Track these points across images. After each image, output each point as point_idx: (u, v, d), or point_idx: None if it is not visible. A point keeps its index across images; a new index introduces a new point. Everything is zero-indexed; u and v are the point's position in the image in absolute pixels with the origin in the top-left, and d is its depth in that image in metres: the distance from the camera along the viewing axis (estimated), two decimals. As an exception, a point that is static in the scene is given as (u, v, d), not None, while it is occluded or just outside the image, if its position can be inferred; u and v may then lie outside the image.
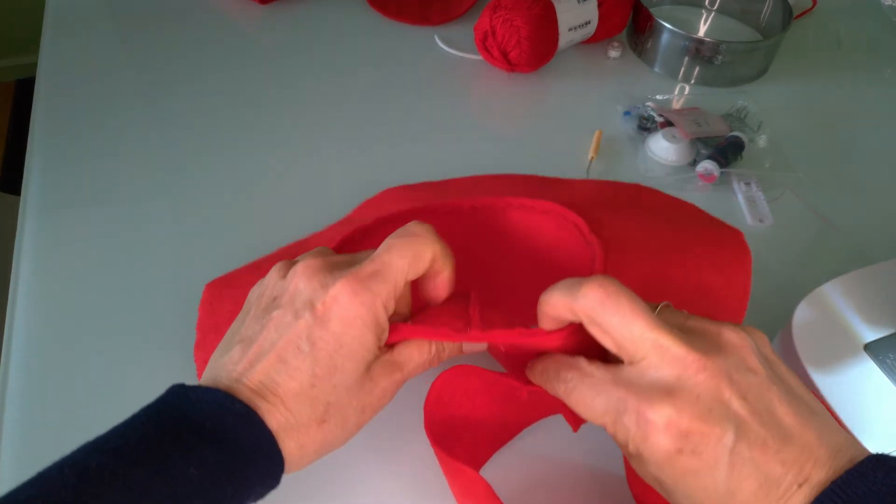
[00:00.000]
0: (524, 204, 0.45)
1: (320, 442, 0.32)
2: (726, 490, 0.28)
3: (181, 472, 0.28)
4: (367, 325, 0.32)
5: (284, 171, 0.59)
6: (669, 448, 0.28)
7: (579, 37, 0.69)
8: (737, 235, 0.44)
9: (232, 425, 0.30)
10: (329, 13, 0.76)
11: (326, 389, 0.32)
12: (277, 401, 0.31)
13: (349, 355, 0.32)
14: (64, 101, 0.64)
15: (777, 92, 0.70)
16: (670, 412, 0.28)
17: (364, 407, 0.33)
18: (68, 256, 0.51)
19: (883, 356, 0.44)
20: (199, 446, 0.29)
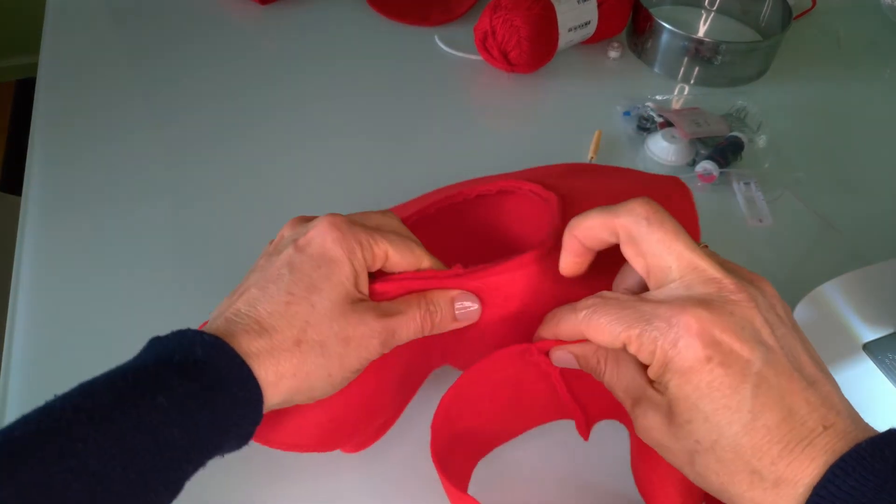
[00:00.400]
0: (480, 191, 0.46)
1: (297, 366, 0.31)
2: (749, 413, 0.28)
3: (149, 401, 0.27)
4: (344, 253, 0.33)
5: (284, 170, 0.59)
6: (699, 354, 0.28)
7: (579, 37, 0.69)
8: (674, 179, 0.46)
9: (201, 355, 0.30)
10: (329, 13, 0.76)
11: (304, 308, 0.32)
12: (252, 322, 0.31)
13: (327, 276, 0.33)
14: (64, 101, 0.64)
15: (777, 92, 0.70)
16: (705, 315, 0.28)
17: (347, 338, 0.32)
18: (68, 256, 0.51)
19: (882, 356, 0.44)
20: (166, 375, 0.29)
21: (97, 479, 0.25)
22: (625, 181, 0.47)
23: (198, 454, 0.29)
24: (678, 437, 0.29)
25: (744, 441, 0.28)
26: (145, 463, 0.27)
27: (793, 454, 0.27)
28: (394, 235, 0.35)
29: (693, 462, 0.29)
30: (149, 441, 0.27)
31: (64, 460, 0.25)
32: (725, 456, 0.28)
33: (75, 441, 0.25)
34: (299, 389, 0.32)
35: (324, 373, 0.32)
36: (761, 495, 0.28)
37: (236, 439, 0.31)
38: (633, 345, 0.30)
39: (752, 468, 0.28)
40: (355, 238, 0.34)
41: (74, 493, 0.25)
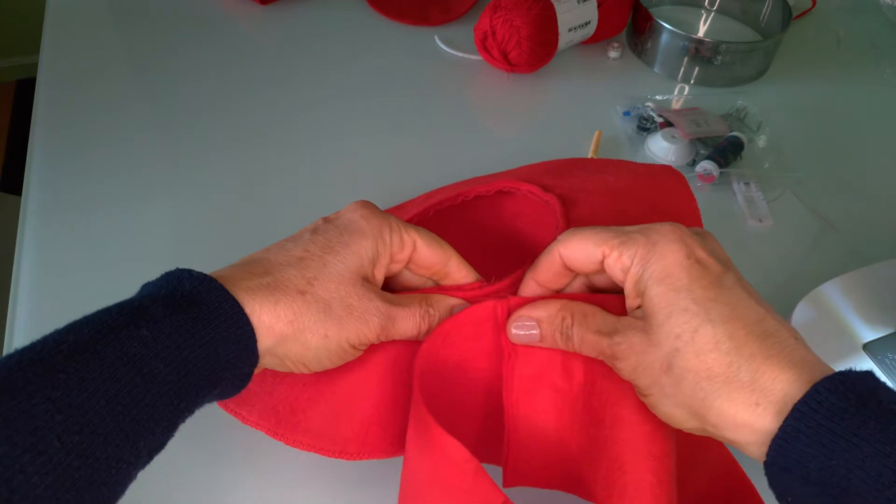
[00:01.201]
0: (478, 192, 0.46)
1: (297, 313, 0.31)
2: (727, 306, 0.29)
3: (133, 332, 0.27)
4: (371, 229, 0.34)
5: (284, 170, 0.59)
6: (680, 251, 0.30)
7: (579, 37, 0.69)
8: (668, 168, 0.47)
9: (188, 289, 0.29)
10: (329, 13, 0.76)
11: (315, 263, 0.32)
12: (259, 266, 0.32)
13: (346, 243, 0.33)
14: (64, 101, 0.64)
15: (777, 92, 0.70)
16: (682, 230, 0.31)
17: (350, 307, 0.32)
18: (69, 256, 0.51)
19: (882, 356, 0.44)
20: (151, 308, 0.28)
21: (81, 411, 0.24)
22: (620, 176, 0.47)
23: (190, 392, 0.28)
24: (657, 341, 0.29)
25: (722, 333, 0.28)
26: (131, 396, 0.26)
27: (770, 352, 0.28)
28: (423, 230, 0.36)
29: (671, 366, 0.29)
30: (133, 374, 0.26)
31: (45, 391, 0.24)
32: (705, 347, 0.28)
33: (56, 372, 0.24)
34: (294, 339, 0.31)
35: (321, 331, 0.32)
36: (739, 396, 0.27)
37: (232, 380, 0.30)
38: (612, 255, 0.31)
39: (730, 362, 0.28)
40: (385, 220, 0.34)
41: (56, 423, 0.24)
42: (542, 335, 0.34)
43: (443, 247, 0.36)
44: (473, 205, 0.46)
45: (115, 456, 0.25)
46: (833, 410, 0.25)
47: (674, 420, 0.30)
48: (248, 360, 0.30)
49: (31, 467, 0.23)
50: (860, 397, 0.25)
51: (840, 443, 0.25)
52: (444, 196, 0.46)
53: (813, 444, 0.25)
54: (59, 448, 0.23)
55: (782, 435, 0.26)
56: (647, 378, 0.30)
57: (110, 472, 0.25)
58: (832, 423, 0.25)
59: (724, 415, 0.28)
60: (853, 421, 0.25)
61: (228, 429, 0.40)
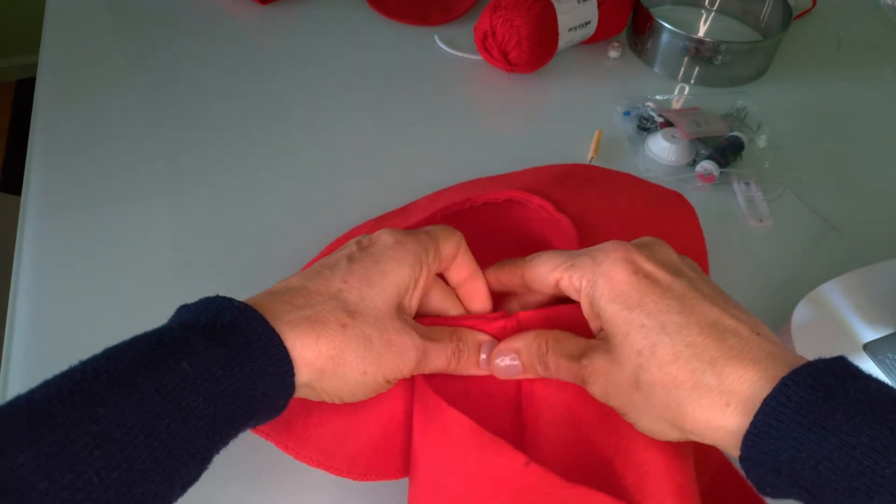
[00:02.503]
0: (487, 199, 0.46)
1: (338, 348, 0.30)
2: (680, 315, 0.29)
3: (173, 365, 0.26)
4: (406, 258, 0.33)
5: (284, 169, 0.59)
6: (625, 269, 0.31)
7: (579, 37, 0.69)
8: (679, 197, 0.48)
9: (229, 319, 0.28)
10: (329, 13, 0.76)
11: (355, 296, 0.32)
12: (299, 296, 0.31)
13: (384, 273, 0.33)
14: (64, 100, 0.64)
15: (777, 92, 0.70)
16: (627, 246, 0.32)
17: (389, 341, 0.32)
18: (68, 256, 0.51)
19: (882, 356, 0.44)
20: (191, 339, 0.27)
21: (119, 446, 0.24)
22: (632, 200, 0.47)
23: (225, 424, 0.28)
24: (620, 360, 0.30)
25: (680, 343, 0.29)
26: (169, 431, 0.25)
27: (731, 352, 0.28)
28: (440, 228, 0.36)
29: (639, 382, 0.29)
30: (172, 408, 0.26)
31: (84, 425, 0.24)
32: (666, 359, 0.29)
33: (95, 406, 0.24)
34: (333, 375, 0.31)
35: (361, 367, 0.31)
36: (708, 400, 0.28)
37: (266, 411, 0.30)
38: (563, 277, 0.33)
39: (693, 368, 0.28)
40: (418, 241, 0.34)
41: (95, 459, 0.23)
42: (523, 365, 0.35)
43: (454, 234, 0.36)
44: (481, 208, 0.46)
45: (151, 491, 0.25)
46: (801, 404, 0.26)
47: (658, 433, 0.30)
48: (284, 392, 0.30)
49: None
50: (828, 388, 0.26)
51: (808, 436, 0.25)
52: (451, 200, 0.46)
53: (783, 437, 0.26)
54: (97, 485, 0.23)
55: (753, 430, 0.27)
56: (620, 397, 0.31)
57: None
58: (800, 417, 0.25)
59: (697, 420, 0.28)
60: (821, 413, 0.25)
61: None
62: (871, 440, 0.24)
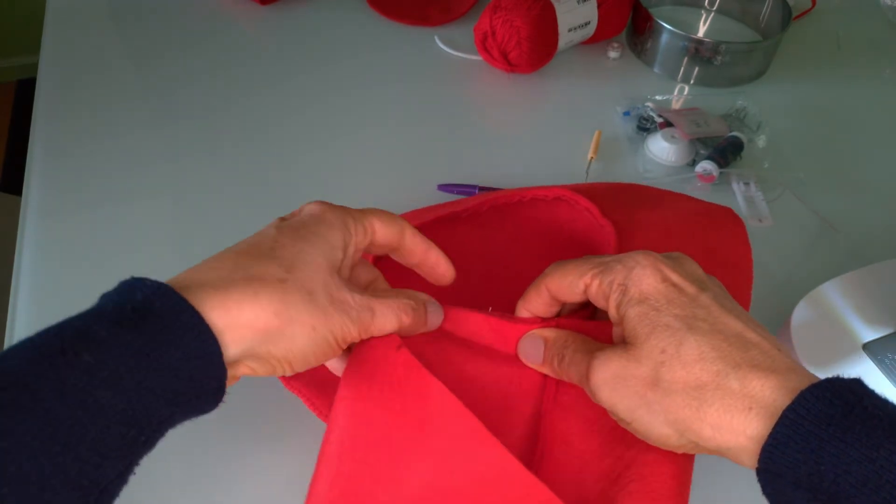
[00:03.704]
0: (536, 195, 0.46)
1: (280, 304, 0.28)
2: (706, 323, 0.30)
3: (72, 359, 0.23)
4: (335, 222, 0.32)
5: (284, 169, 0.59)
6: (654, 277, 0.31)
7: (579, 37, 0.69)
8: (728, 211, 0.47)
9: (140, 301, 0.26)
10: (329, 13, 0.76)
11: (289, 250, 0.30)
12: (227, 262, 0.29)
13: (316, 232, 0.31)
14: (64, 100, 0.64)
15: (776, 92, 0.70)
16: (655, 257, 0.32)
17: (331, 298, 0.30)
18: (69, 256, 0.51)
19: (881, 356, 0.44)
20: (95, 327, 0.24)
21: (9, 458, 0.21)
22: (678, 212, 0.47)
23: (141, 419, 0.24)
24: (640, 358, 0.30)
25: (706, 344, 0.29)
26: (72, 434, 0.22)
27: (754, 361, 0.28)
28: (372, 209, 0.35)
29: (658, 380, 0.29)
30: (75, 409, 0.23)
31: None
32: (691, 358, 0.29)
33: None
34: (280, 334, 0.28)
35: (309, 323, 0.29)
36: (732, 402, 0.28)
37: (197, 396, 0.26)
38: (593, 284, 0.33)
39: (717, 370, 0.28)
40: (345, 210, 0.34)
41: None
42: (543, 357, 0.35)
43: (397, 221, 0.35)
44: (529, 205, 0.47)
45: (56, 501, 0.22)
46: (820, 417, 0.26)
47: (665, 440, 0.30)
48: (214, 373, 0.27)
49: None
50: (846, 404, 0.26)
51: (828, 448, 0.25)
52: (501, 194, 0.46)
53: (802, 450, 0.26)
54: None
55: (773, 441, 0.27)
56: (630, 398, 0.30)
57: None
58: (820, 430, 0.26)
59: (718, 422, 0.28)
60: (840, 427, 0.25)
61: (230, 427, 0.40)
62: (890, 454, 0.24)
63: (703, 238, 0.45)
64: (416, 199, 0.55)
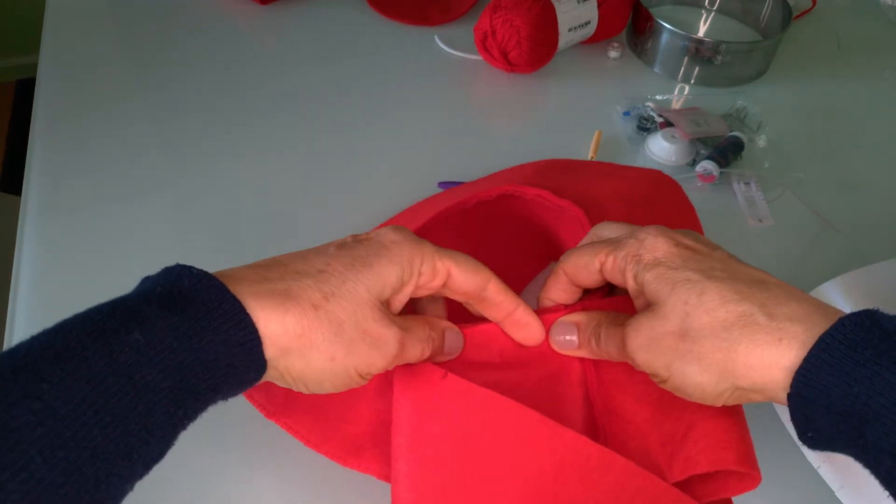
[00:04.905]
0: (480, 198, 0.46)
1: (307, 329, 0.28)
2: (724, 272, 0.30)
3: (123, 337, 0.25)
4: (399, 257, 0.32)
5: (283, 169, 0.59)
6: (667, 243, 0.32)
7: (579, 37, 0.69)
8: (659, 173, 0.49)
9: (187, 287, 0.27)
10: (329, 13, 0.76)
11: (335, 280, 0.30)
12: (273, 271, 0.29)
13: (371, 265, 0.31)
14: (64, 101, 0.64)
15: (777, 92, 0.70)
16: (665, 229, 0.33)
17: (365, 332, 0.30)
18: (68, 256, 0.51)
19: (882, 356, 0.44)
20: (145, 309, 0.26)
21: (65, 424, 0.22)
22: (625, 181, 0.48)
23: (187, 399, 0.26)
24: (666, 314, 0.31)
25: (727, 289, 0.29)
26: (121, 406, 0.24)
27: (779, 298, 0.29)
28: (460, 255, 0.34)
29: (687, 329, 0.30)
30: (124, 382, 0.24)
31: (25, 402, 0.22)
32: (714, 303, 0.29)
33: (39, 381, 0.23)
34: (299, 356, 0.29)
35: (328, 352, 0.29)
36: (761, 336, 0.28)
37: (234, 385, 0.28)
38: (608, 261, 0.33)
39: (742, 311, 0.29)
40: (419, 248, 0.32)
41: (38, 438, 0.22)
42: (578, 342, 0.35)
43: (481, 272, 0.34)
44: (477, 209, 0.46)
45: (106, 471, 0.23)
46: (857, 342, 0.26)
47: (705, 389, 0.30)
48: (253, 365, 0.28)
49: (11, 485, 0.21)
50: (883, 331, 0.26)
51: (862, 371, 0.25)
52: (444, 206, 0.46)
53: (836, 373, 0.26)
54: (40, 463, 0.22)
55: (807, 365, 0.27)
56: (665, 354, 0.31)
57: (99, 487, 0.23)
58: (855, 353, 0.26)
59: (750, 358, 0.28)
60: (876, 351, 0.26)
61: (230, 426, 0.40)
62: None
63: (656, 203, 0.46)
64: (416, 198, 0.55)
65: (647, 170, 0.50)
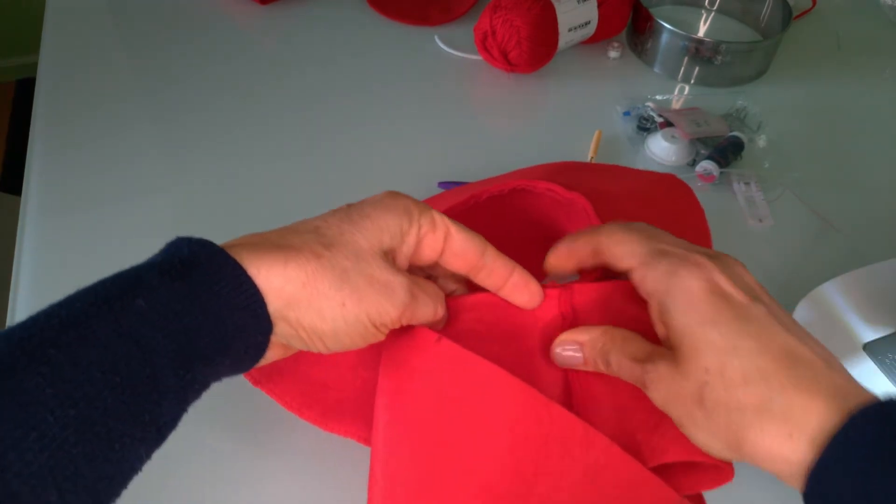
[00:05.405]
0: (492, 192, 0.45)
1: (310, 276, 0.28)
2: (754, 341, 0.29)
3: (128, 303, 0.25)
4: (394, 207, 0.32)
5: (283, 169, 0.59)
6: (702, 284, 0.30)
7: (579, 37, 0.69)
8: (673, 177, 0.49)
9: (187, 254, 0.27)
10: (329, 13, 0.76)
11: (333, 231, 0.30)
12: (271, 234, 0.30)
13: (369, 215, 0.31)
14: (64, 100, 0.64)
15: (777, 92, 0.70)
16: (707, 261, 0.31)
17: (371, 277, 0.30)
18: (68, 256, 0.51)
19: (882, 356, 0.44)
20: (147, 277, 0.26)
21: (74, 385, 0.23)
22: (638, 181, 0.48)
23: (196, 362, 0.26)
24: (687, 374, 0.29)
25: (750, 366, 0.28)
26: (129, 368, 0.24)
27: (801, 382, 0.27)
28: (452, 220, 0.34)
29: (703, 398, 0.29)
30: (129, 345, 0.24)
31: (34, 366, 0.23)
32: (734, 381, 0.28)
33: (46, 347, 0.23)
34: (308, 306, 0.29)
35: (337, 298, 0.29)
36: (772, 427, 0.27)
37: (245, 349, 0.28)
38: (637, 272, 0.32)
39: (761, 394, 0.28)
40: (415, 201, 0.33)
41: (48, 398, 0.22)
42: (584, 358, 0.34)
43: (477, 236, 0.34)
44: (486, 206, 0.46)
45: (118, 430, 0.24)
46: (870, 441, 0.25)
47: (710, 449, 0.30)
48: (259, 327, 0.28)
49: (25, 443, 0.21)
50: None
51: (876, 474, 0.24)
52: (455, 201, 0.46)
53: (849, 474, 0.25)
54: (52, 423, 0.22)
55: (819, 467, 0.26)
56: (680, 409, 0.30)
57: (113, 447, 0.23)
58: (869, 454, 0.25)
59: (757, 447, 0.27)
60: (890, 450, 0.25)
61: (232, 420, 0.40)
62: None
63: (670, 204, 0.45)
64: (417, 198, 0.55)
65: (661, 174, 0.50)
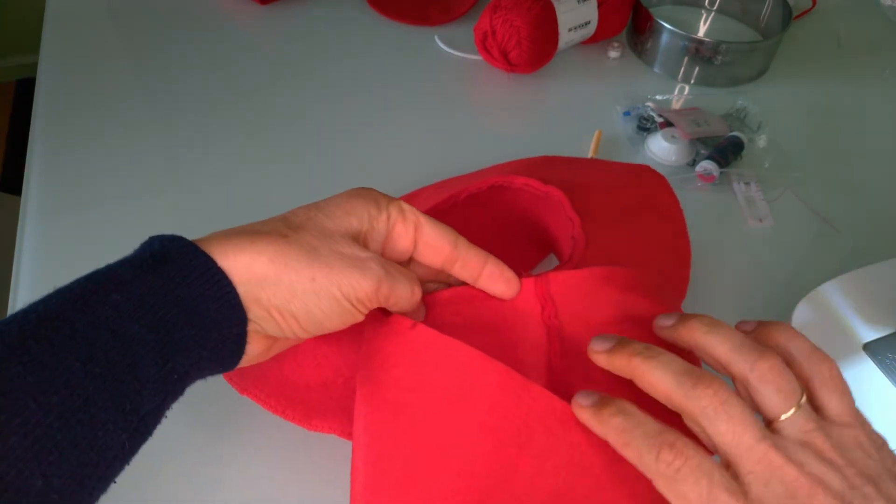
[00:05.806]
0: (471, 191, 0.45)
1: (278, 251, 0.29)
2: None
3: (101, 299, 0.25)
4: (361, 194, 0.33)
5: (283, 169, 0.59)
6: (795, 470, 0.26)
7: (579, 37, 0.69)
8: (646, 167, 0.49)
9: (158, 248, 0.28)
10: (329, 13, 0.76)
11: (301, 217, 0.31)
12: (240, 227, 0.30)
13: (336, 202, 0.32)
14: (64, 101, 0.64)
15: (777, 92, 0.70)
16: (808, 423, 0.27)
17: (341, 253, 0.30)
18: (69, 257, 0.51)
19: (882, 356, 0.44)
20: (120, 272, 0.27)
21: (54, 374, 0.23)
22: (610, 172, 0.48)
23: (175, 353, 0.26)
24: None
25: None
26: (108, 357, 0.24)
27: None
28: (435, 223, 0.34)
29: None
30: (107, 336, 0.25)
31: (15, 356, 0.23)
32: None
33: (25, 339, 0.23)
34: (277, 282, 0.28)
35: (307, 274, 0.29)
36: None
37: (223, 342, 0.28)
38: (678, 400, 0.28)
39: None
40: (383, 194, 0.33)
41: (29, 385, 0.23)
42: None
43: (447, 228, 0.34)
44: (466, 205, 0.46)
45: (101, 418, 0.24)
46: None
47: None
48: (234, 317, 0.28)
49: (8, 428, 0.22)
50: None
51: None
52: (434, 201, 0.46)
53: None
54: (35, 409, 0.22)
55: None
56: None
57: (96, 434, 0.24)
58: None
59: None
60: None
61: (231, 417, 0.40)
62: None
63: (642, 191, 0.46)
64: (416, 198, 0.55)
65: (632, 164, 0.50)
